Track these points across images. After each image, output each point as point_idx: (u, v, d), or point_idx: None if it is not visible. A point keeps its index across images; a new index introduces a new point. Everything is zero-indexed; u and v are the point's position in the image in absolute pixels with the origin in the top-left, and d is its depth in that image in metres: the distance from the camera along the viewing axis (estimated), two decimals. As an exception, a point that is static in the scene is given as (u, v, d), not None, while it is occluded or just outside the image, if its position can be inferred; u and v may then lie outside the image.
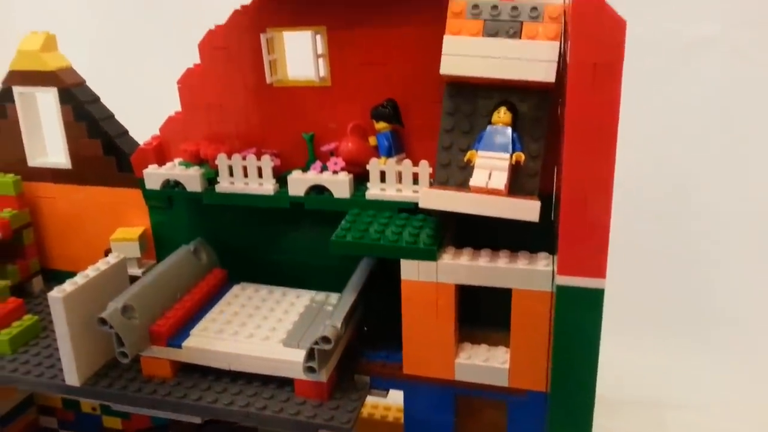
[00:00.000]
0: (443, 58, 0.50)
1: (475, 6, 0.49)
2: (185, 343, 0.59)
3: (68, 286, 0.58)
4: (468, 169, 0.52)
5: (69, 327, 0.57)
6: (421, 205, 0.52)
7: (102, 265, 0.62)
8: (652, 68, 1.11)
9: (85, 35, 1.17)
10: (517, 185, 0.52)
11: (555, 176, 0.56)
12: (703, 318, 1.10)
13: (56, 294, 0.56)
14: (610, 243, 0.40)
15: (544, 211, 0.50)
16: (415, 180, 0.59)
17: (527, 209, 0.48)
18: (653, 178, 1.14)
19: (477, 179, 0.50)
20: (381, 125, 0.60)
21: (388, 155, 0.60)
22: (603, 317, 0.43)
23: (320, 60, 0.62)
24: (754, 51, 1.07)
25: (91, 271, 0.61)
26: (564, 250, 0.41)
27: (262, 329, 0.61)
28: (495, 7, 0.49)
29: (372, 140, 0.61)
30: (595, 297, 0.42)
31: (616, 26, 0.36)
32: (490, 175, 0.50)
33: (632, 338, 0.99)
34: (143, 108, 0.73)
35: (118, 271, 0.64)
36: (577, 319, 0.43)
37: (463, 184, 0.53)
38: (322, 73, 0.62)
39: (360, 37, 0.60)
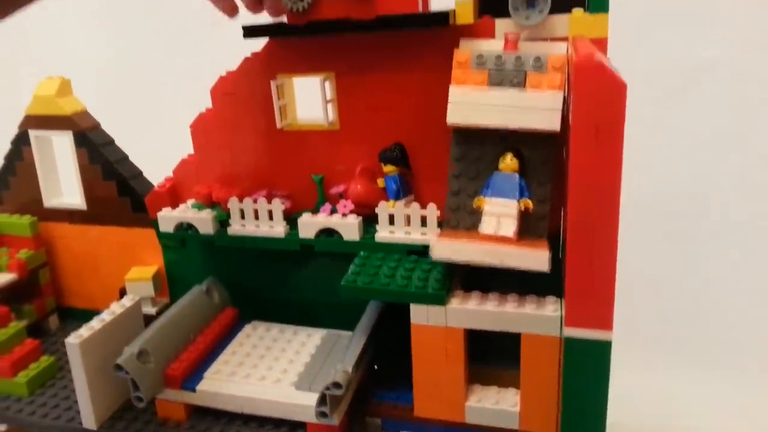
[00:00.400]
0: (449, 108, 0.51)
1: (480, 56, 0.50)
2: (199, 387, 0.60)
3: (85, 331, 0.59)
4: (477, 213, 0.53)
5: (86, 372, 0.59)
6: (433, 257, 0.52)
7: (117, 308, 0.64)
8: (658, 92, 1.12)
9: (101, 78, 1.19)
10: (526, 228, 0.53)
11: (562, 216, 0.56)
12: (711, 342, 1.09)
13: (73, 340, 0.58)
14: (621, 261, 0.40)
15: (552, 252, 0.50)
16: (423, 222, 0.60)
17: (537, 259, 0.48)
18: (660, 200, 1.14)
19: (486, 226, 0.51)
20: (389, 168, 0.61)
21: (396, 198, 0.61)
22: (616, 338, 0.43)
23: (329, 105, 0.63)
24: (758, 73, 1.07)
25: (106, 315, 0.62)
26: (570, 304, 0.42)
27: (273, 371, 0.61)
28: (499, 57, 0.50)
29: (380, 182, 0.62)
30: (603, 348, 0.43)
31: (617, 88, 0.36)
32: (499, 221, 0.51)
33: (640, 362, 0.99)
34: (156, 149, 0.75)
35: (132, 314, 0.65)
36: (586, 369, 0.44)
37: (472, 228, 0.54)
38: (331, 117, 0.63)
39: (368, 82, 0.61)
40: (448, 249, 0.51)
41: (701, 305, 1.13)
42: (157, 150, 0.74)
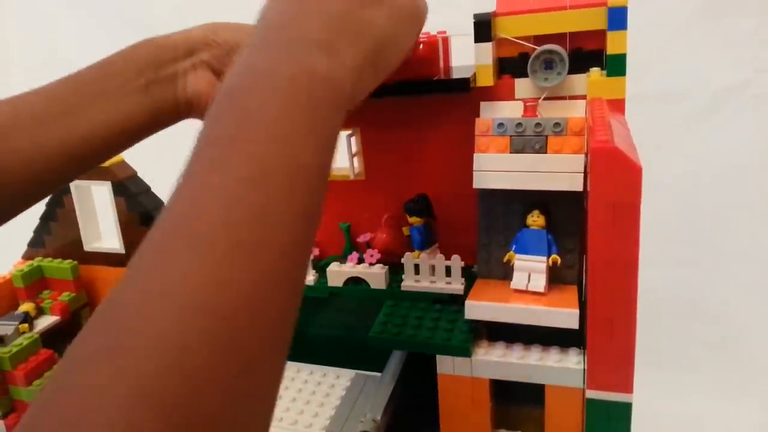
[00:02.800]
0: (475, 175, 0.54)
1: (501, 125, 0.52)
2: None
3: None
4: (509, 264, 0.56)
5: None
6: (467, 317, 0.55)
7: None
8: (683, 115, 1.13)
9: None
10: (555, 276, 0.55)
11: (584, 263, 0.58)
12: (735, 365, 1.10)
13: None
14: (641, 287, 0.42)
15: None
16: (448, 271, 0.62)
17: (567, 318, 0.51)
18: (684, 222, 1.15)
19: (517, 282, 0.54)
20: (414, 219, 0.63)
21: (421, 249, 0.63)
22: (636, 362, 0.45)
23: (355, 158, 0.65)
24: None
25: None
26: (592, 369, 0.44)
27: (305, 415, 0.64)
28: (519, 124, 0.52)
29: (406, 231, 0.65)
30: (624, 409, 0.44)
31: (633, 171, 0.38)
32: (529, 277, 0.54)
33: (663, 385, 1.00)
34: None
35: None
36: (607, 429, 0.45)
37: (504, 278, 0.57)
38: (357, 169, 0.66)
39: (392, 136, 0.64)
40: (481, 310, 0.54)
41: (724, 328, 1.13)
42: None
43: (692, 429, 1.00)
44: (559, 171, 0.51)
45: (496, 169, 0.53)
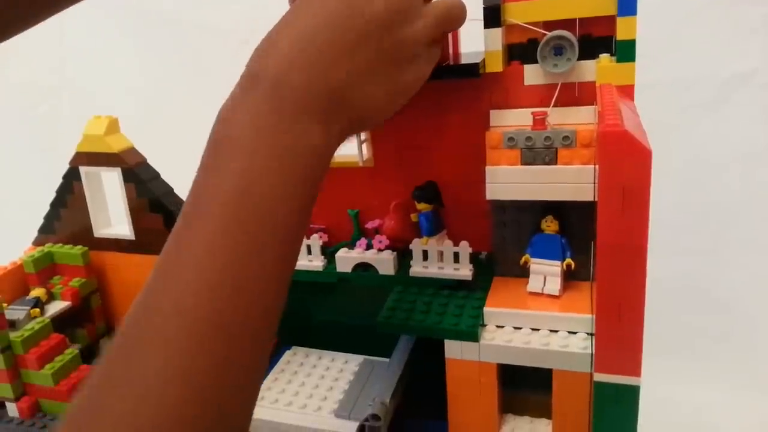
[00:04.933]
0: (487, 187, 0.55)
1: (511, 138, 0.53)
2: (244, 414, 0.63)
3: (138, 362, 0.63)
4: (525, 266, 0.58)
5: (139, 400, 0.62)
6: (484, 323, 0.57)
7: (166, 338, 0.67)
8: (691, 104, 1.12)
9: (149, 118, 1.23)
10: (571, 272, 0.57)
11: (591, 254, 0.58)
12: (742, 354, 1.09)
13: (127, 372, 0.61)
14: (648, 276, 0.42)
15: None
16: (456, 258, 0.62)
17: (580, 323, 0.53)
18: (692, 211, 1.14)
19: (533, 285, 0.57)
20: (422, 206, 0.63)
21: (430, 235, 0.63)
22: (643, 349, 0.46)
23: (364, 144, 0.65)
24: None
25: (156, 346, 0.66)
26: (600, 352, 0.44)
27: (313, 399, 0.65)
28: (529, 138, 0.53)
29: (414, 217, 0.65)
30: (632, 393, 0.45)
31: (642, 155, 0.38)
32: (544, 280, 0.56)
33: (669, 374, 1.00)
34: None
35: (180, 342, 0.69)
36: (615, 412, 0.46)
37: (520, 276, 0.59)
38: (366, 156, 0.66)
39: (401, 123, 0.63)
40: (498, 316, 0.57)
41: (733, 317, 1.13)
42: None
43: (699, 417, 1.01)
44: (569, 182, 0.52)
45: (507, 181, 0.54)
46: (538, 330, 0.56)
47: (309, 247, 0.67)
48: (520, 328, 0.57)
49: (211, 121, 0.38)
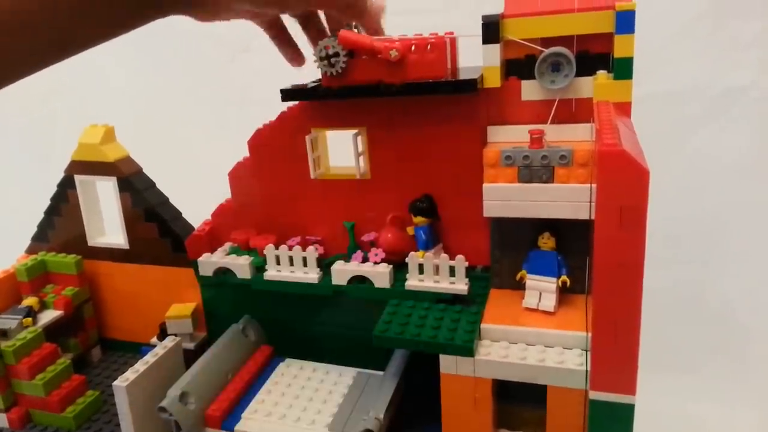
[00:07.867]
0: (485, 204, 0.55)
1: (508, 157, 0.53)
2: (237, 427, 0.63)
3: (130, 374, 0.63)
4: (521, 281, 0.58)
5: (131, 412, 0.62)
6: (482, 338, 0.57)
7: (160, 350, 0.67)
8: (687, 118, 1.13)
9: (145, 126, 1.23)
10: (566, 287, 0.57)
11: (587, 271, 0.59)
12: (738, 366, 1.10)
13: (120, 384, 0.61)
14: (646, 283, 0.42)
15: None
16: (452, 271, 0.62)
17: (574, 339, 0.53)
18: (687, 223, 1.15)
19: (528, 301, 0.57)
20: (418, 219, 0.63)
21: (426, 248, 0.63)
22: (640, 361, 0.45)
23: (361, 157, 0.65)
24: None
25: (150, 357, 0.66)
26: (596, 370, 0.44)
27: (308, 412, 0.64)
28: (527, 156, 0.53)
29: (410, 230, 0.65)
30: (627, 410, 0.45)
31: (640, 174, 0.38)
32: (540, 296, 0.56)
33: (666, 386, 1.00)
34: (196, 192, 0.79)
35: (174, 353, 0.69)
36: (610, 430, 0.46)
37: (516, 288, 0.60)
38: (363, 168, 0.66)
39: (398, 136, 0.64)
40: (494, 332, 0.57)
41: (728, 329, 1.13)
42: (190, 185, 0.78)
43: (694, 430, 1.00)
44: (566, 201, 0.52)
45: (504, 198, 0.54)
46: (533, 345, 0.56)
47: (305, 259, 0.67)
48: (515, 343, 0.57)
49: (209, 131, 0.37)
